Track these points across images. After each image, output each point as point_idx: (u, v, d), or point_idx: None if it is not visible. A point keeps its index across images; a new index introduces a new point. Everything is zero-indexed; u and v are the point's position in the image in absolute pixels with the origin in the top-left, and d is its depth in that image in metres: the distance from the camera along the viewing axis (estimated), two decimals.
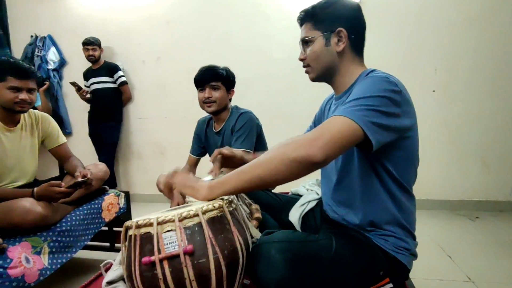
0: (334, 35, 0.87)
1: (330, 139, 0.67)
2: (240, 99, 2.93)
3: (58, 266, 1.38)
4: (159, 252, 0.60)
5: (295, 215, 1.08)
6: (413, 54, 2.55)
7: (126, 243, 0.68)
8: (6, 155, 1.46)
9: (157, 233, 0.62)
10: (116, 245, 2.01)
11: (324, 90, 1.15)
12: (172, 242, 0.61)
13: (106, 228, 1.89)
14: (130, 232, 0.66)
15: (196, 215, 0.64)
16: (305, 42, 0.91)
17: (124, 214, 1.92)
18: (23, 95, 1.40)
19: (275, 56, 2.84)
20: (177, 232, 0.62)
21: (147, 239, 0.63)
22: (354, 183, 0.85)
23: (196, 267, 0.60)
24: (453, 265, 1.73)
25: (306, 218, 1.09)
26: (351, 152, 0.84)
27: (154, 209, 0.89)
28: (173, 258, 0.60)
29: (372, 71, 0.86)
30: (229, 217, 0.69)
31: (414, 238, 0.87)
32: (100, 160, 3.07)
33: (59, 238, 1.41)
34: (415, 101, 0.82)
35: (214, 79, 1.53)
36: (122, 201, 1.90)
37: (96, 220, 1.69)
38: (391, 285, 0.82)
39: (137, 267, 0.62)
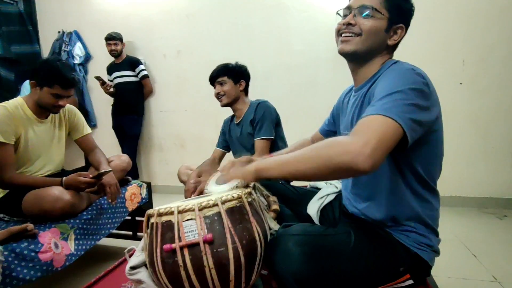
0: (395, 26, 0.83)
1: (377, 145, 0.61)
2: (260, 91, 2.93)
3: (83, 252, 1.44)
4: (180, 240, 0.62)
5: (313, 208, 1.08)
6: (440, 45, 2.45)
7: (148, 231, 0.70)
8: (38, 145, 1.54)
9: (177, 222, 0.64)
10: (139, 233, 2.08)
11: (345, 82, 1.13)
12: (192, 231, 0.63)
13: (129, 218, 1.95)
14: (152, 220, 0.68)
15: (216, 204, 0.65)
16: (366, 10, 0.81)
17: (146, 204, 1.98)
18: (62, 102, 1.48)
19: (295, 48, 2.80)
20: (197, 221, 0.63)
21: (168, 227, 0.65)
22: (376, 178, 0.83)
23: (215, 255, 0.61)
24: (479, 264, 1.67)
25: (324, 211, 1.08)
26: None
27: (175, 200, 0.90)
28: (193, 246, 0.62)
29: (396, 62, 0.83)
30: (247, 207, 0.70)
31: (437, 234, 0.85)
32: (123, 152, 3.16)
33: (84, 226, 1.48)
34: (440, 94, 0.78)
35: (220, 75, 1.66)
36: (144, 192, 1.96)
37: (120, 210, 1.75)
38: (411, 281, 0.81)
39: (158, 254, 0.64)
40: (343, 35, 0.85)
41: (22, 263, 1.16)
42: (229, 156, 1.93)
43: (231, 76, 1.67)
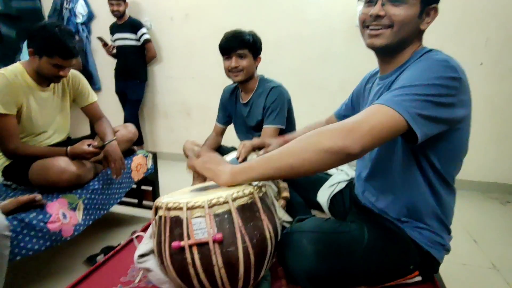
0: (428, 10, 0.75)
1: (368, 130, 0.61)
2: (269, 63, 2.80)
3: (91, 222, 1.47)
4: (189, 238, 0.61)
5: (323, 196, 1.06)
6: (462, 22, 2.28)
7: (157, 219, 0.68)
8: (42, 114, 1.50)
9: (186, 218, 0.62)
10: (144, 202, 2.11)
11: (360, 56, 1.04)
12: (202, 229, 0.61)
13: (135, 186, 1.96)
14: (160, 213, 0.67)
15: (226, 202, 0.63)
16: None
17: (152, 175, 1.99)
18: (63, 72, 1.42)
19: (309, 17, 2.64)
20: (206, 219, 0.61)
21: (176, 222, 0.63)
22: (394, 172, 0.80)
23: (225, 255, 0.61)
24: (478, 250, 1.69)
25: (334, 200, 1.07)
26: (394, 140, 0.78)
27: (180, 170, 0.86)
28: (202, 245, 0.60)
29: (429, 51, 0.76)
30: (259, 204, 0.67)
31: (449, 232, 0.84)
32: (124, 115, 3.14)
33: (92, 196, 1.49)
34: None
35: (240, 47, 1.43)
36: (149, 162, 1.96)
37: (126, 180, 1.76)
38: (419, 278, 0.81)
39: (167, 249, 0.63)
40: (370, 27, 0.77)
41: (32, 232, 1.18)
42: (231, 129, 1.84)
43: (252, 50, 1.46)
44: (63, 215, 1.32)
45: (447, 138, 0.72)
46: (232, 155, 1.04)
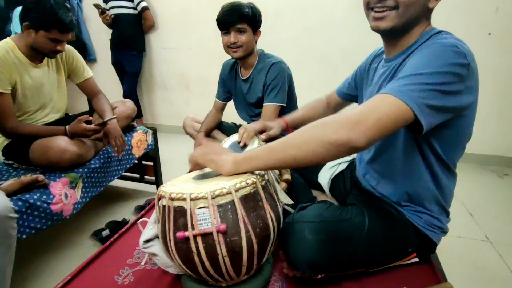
0: None
1: (375, 123, 0.59)
2: (270, 33, 2.71)
3: (88, 199, 1.49)
4: (193, 228, 0.61)
5: (325, 177, 1.07)
6: None
7: (161, 209, 0.69)
8: (36, 91, 1.47)
9: (190, 209, 0.62)
10: (146, 177, 2.14)
11: (364, 27, 0.98)
12: (205, 219, 0.62)
13: (136, 161, 1.97)
14: (164, 202, 0.67)
15: (229, 192, 0.63)
16: None
17: (153, 151, 1.99)
18: (60, 47, 1.39)
19: None
20: (210, 210, 0.62)
21: (180, 212, 0.64)
22: (396, 157, 0.80)
23: (229, 244, 0.62)
24: (473, 223, 1.74)
25: (335, 180, 1.07)
26: None
27: (180, 143, 0.85)
28: (206, 235, 0.61)
29: (438, 33, 0.72)
30: (262, 193, 0.68)
31: (448, 214, 0.85)
32: (123, 89, 3.08)
33: (93, 174, 1.50)
34: None
35: (239, 21, 1.36)
36: (150, 138, 1.95)
37: (127, 157, 1.76)
38: (417, 259, 0.84)
39: (171, 238, 0.64)
40: (375, 10, 0.73)
41: (35, 212, 1.20)
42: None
43: (251, 24, 1.40)
44: (65, 196, 1.33)
45: (451, 125, 0.71)
46: (232, 139, 1.03)
